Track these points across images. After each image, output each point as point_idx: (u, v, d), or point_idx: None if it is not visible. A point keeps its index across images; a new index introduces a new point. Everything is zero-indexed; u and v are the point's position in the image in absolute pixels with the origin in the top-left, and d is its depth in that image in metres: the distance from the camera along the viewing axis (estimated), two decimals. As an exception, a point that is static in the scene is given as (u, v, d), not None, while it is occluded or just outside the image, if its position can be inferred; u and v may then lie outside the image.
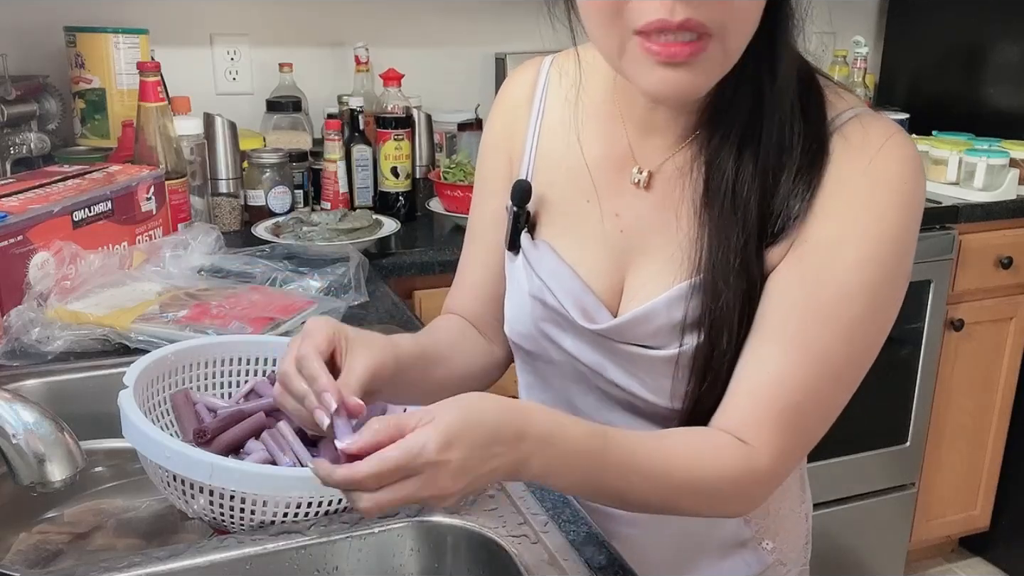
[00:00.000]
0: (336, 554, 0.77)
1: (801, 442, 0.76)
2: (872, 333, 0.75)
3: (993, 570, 2.48)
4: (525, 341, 0.88)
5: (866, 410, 2.11)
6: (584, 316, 0.82)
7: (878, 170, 0.72)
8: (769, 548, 0.91)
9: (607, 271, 0.83)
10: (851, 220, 0.72)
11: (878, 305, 0.74)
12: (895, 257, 0.73)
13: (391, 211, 1.88)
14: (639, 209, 0.81)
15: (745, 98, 0.73)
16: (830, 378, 0.74)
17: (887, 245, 0.73)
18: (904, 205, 0.73)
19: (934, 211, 2.09)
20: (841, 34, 2.57)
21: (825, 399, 0.75)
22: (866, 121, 0.74)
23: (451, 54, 2.28)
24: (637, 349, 0.80)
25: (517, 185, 0.87)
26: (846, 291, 0.72)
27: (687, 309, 0.76)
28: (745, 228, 0.73)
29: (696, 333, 0.76)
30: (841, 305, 0.72)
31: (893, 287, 0.75)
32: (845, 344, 0.73)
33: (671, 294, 0.77)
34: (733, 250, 0.73)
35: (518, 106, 0.90)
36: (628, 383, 0.82)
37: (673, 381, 0.78)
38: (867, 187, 0.72)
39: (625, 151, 0.82)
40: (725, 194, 0.74)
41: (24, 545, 0.91)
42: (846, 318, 0.73)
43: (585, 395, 0.87)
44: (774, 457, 0.74)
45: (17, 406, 0.69)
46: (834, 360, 0.73)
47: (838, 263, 0.72)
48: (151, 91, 1.51)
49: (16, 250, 1.13)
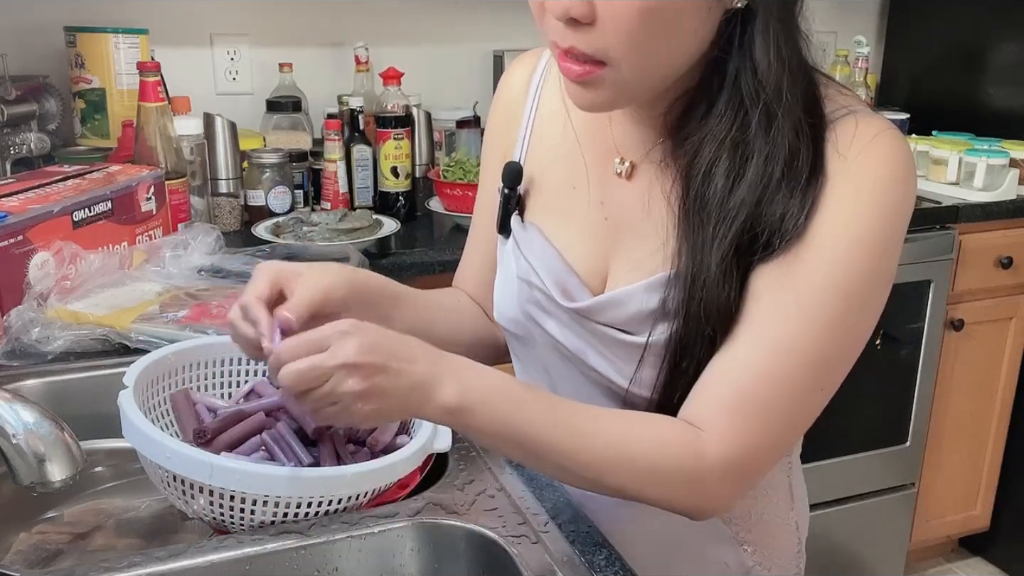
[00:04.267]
0: (336, 554, 0.77)
1: (762, 438, 0.74)
2: (847, 333, 0.74)
3: (993, 570, 2.48)
4: (512, 325, 0.90)
5: (866, 410, 2.11)
6: (564, 295, 0.83)
7: (862, 169, 0.72)
8: (750, 551, 0.91)
9: (592, 257, 0.84)
10: (829, 219, 0.71)
11: (853, 305, 0.73)
12: (874, 258, 0.72)
13: (391, 211, 1.88)
14: (622, 198, 0.82)
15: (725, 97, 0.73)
16: (798, 375, 0.73)
17: (866, 245, 0.72)
18: (888, 206, 0.72)
19: (934, 211, 2.10)
20: (842, 34, 2.57)
21: (791, 394, 0.73)
22: (859, 119, 0.73)
23: (450, 52, 2.28)
24: (613, 332, 0.81)
25: (508, 166, 0.89)
26: (819, 289, 0.72)
27: (664, 299, 0.77)
28: (724, 225, 0.73)
29: (669, 323, 0.76)
30: (813, 302, 0.72)
31: (872, 288, 0.74)
32: (816, 342, 0.72)
33: (649, 282, 0.78)
34: (710, 246, 0.73)
35: (516, 95, 0.93)
36: (606, 368, 0.82)
37: (639, 367, 0.79)
38: (849, 186, 0.72)
39: (610, 141, 0.84)
40: (702, 190, 0.74)
41: (24, 545, 0.91)
42: (818, 316, 0.72)
43: (568, 380, 0.87)
44: (727, 447, 0.73)
45: (17, 406, 0.69)
46: (802, 355, 0.72)
47: (815, 261, 0.72)
48: (151, 91, 1.51)
49: (16, 250, 1.13)
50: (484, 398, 0.71)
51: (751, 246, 0.73)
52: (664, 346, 0.77)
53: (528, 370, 0.93)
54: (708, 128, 0.74)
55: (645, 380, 0.80)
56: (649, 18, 0.66)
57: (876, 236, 0.72)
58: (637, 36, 0.66)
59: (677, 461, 0.73)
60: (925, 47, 2.62)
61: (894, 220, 0.73)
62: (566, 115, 0.87)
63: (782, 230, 0.72)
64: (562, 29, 0.69)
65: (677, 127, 0.77)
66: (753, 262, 0.74)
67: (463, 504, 0.82)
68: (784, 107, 0.71)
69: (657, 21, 0.66)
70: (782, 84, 0.70)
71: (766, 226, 0.72)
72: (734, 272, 0.73)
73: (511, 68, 0.96)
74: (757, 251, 0.73)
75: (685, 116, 0.76)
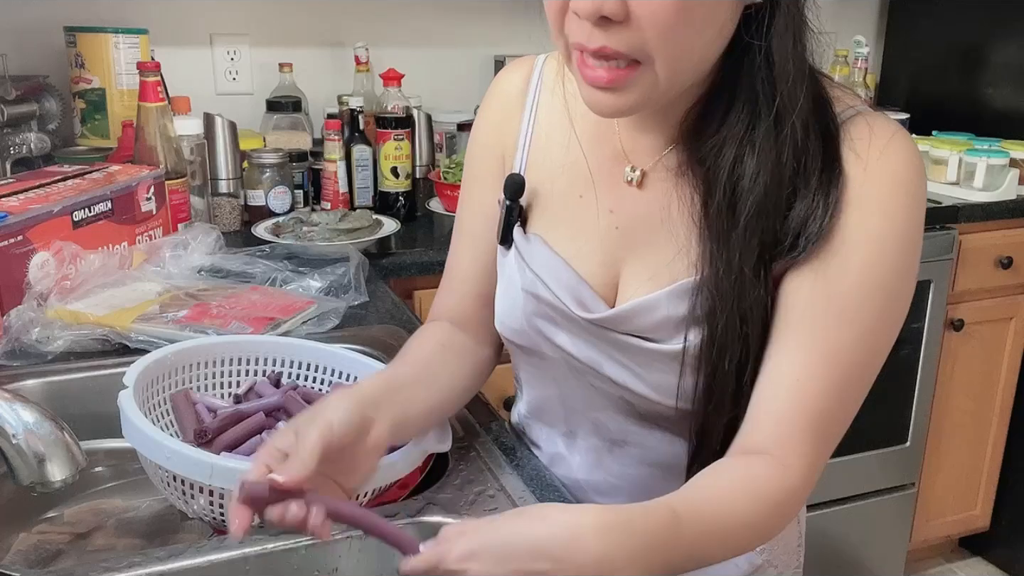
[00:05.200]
0: (336, 554, 0.77)
1: (828, 449, 0.75)
2: (886, 332, 0.75)
3: (993, 570, 2.48)
4: (517, 336, 0.88)
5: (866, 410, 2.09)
6: (580, 306, 0.82)
7: (885, 170, 0.72)
8: (759, 549, 0.91)
9: (602, 266, 0.83)
10: (860, 220, 0.72)
11: (891, 304, 0.74)
12: (905, 255, 0.74)
13: (391, 211, 1.88)
14: (634, 206, 0.81)
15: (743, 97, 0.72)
16: (849, 381, 0.74)
17: (898, 243, 0.73)
18: (911, 203, 0.73)
19: (934, 211, 2.09)
20: (842, 34, 2.57)
21: (846, 402, 0.74)
22: (869, 120, 0.74)
23: (451, 55, 2.28)
24: (638, 341, 0.79)
25: (510, 179, 0.87)
26: (860, 292, 0.72)
27: (691, 305, 0.76)
28: (751, 227, 0.72)
29: (700, 329, 0.76)
30: (856, 306, 0.72)
31: (905, 285, 0.75)
32: (861, 345, 0.73)
33: (673, 289, 0.77)
34: (738, 248, 0.73)
35: (510, 101, 0.90)
36: (625, 379, 0.81)
37: (680, 378, 0.78)
38: (874, 186, 0.72)
39: (618, 149, 0.82)
40: (727, 193, 0.73)
41: (24, 545, 0.91)
42: (862, 319, 0.72)
43: (578, 392, 0.87)
44: (807, 469, 0.73)
45: (17, 406, 0.69)
46: (852, 362, 0.73)
47: (851, 264, 0.72)
48: (151, 91, 1.51)
49: (16, 250, 1.13)
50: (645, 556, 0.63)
51: (776, 246, 0.73)
52: (698, 354, 0.76)
53: (534, 381, 0.92)
54: (728, 130, 0.73)
55: (675, 388, 0.78)
56: (685, 12, 0.64)
57: (904, 234, 0.73)
58: (674, 31, 0.65)
59: (777, 506, 0.72)
60: (925, 47, 2.62)
61: (918, 216, 0.74)
62: (570, 124, 0.85)
63: (807, 231, 0.72)
64: (589, 30, 0.66)
65: (693, 132, 0.76)
66: (779, 264, 0.73)
67: (463, 504, 0.82)
68: (795, 104, 0.71)
69: (692, 15, 0.65)
70: (796, 83, 0.70)
71: (790, 227, 0.72)
72: (764, 272, 0.73)
73: (503, 75, 0.92)
74: (783, 253, 0.73)
75: (701, 120, 0.75)
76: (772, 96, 0.71)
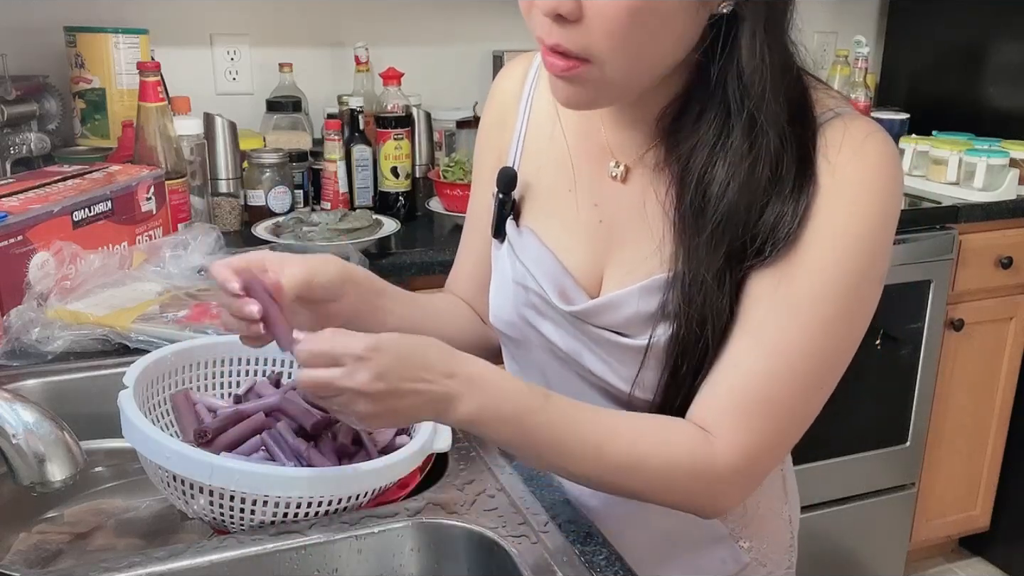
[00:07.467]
0: (336, 554, 0.77)
1: (770, 438, 0.75)
2: (845, 333, 0.75)
3: (993, 570, 2.48)
4: (508, 328, 0.90)
5: (866, 410, 2.11)
6: (562, 298, 0.84)
7: (854, 173, 0.72)
8: (746, 547, 0.91)
9: (587, 259, 0.84)
10: (825, 222, 0.72)
11: (851, 305, 0.74)
12: (869, 257, 0.73)
13: (391, 211, 1.88)
14: (617, 201, 0.82)
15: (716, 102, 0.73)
16: (800, 374, 0.74)
17: (861, 246, 0.73)
18: (880, 207, 0.73)
19: (934, 211, 2.10)
20: (842, 34, 2.57)
21: (795, 395, 0.74)
22: (846, 121, 0.74)
23: (449, 53, 2.28)
24: (610, 335, 0.81)
25: (503, 172, 0.89)
26: (818, 289, 0.72)
27: (663, 301, 0.77)
28: (719, 230, 0.73)
29: (668, 325, 0.77)
30: (812, 303, 0.73)
31: (867, 288, 0.75)
32: (816, 342, 0.73)
33: (646, 284, 0.78)
34: (705, 250, 0.74)
35: (508, 99, 0.93)
36: (602, 371, 0.83)
37: (641, 369, 0.79)
38: (842, 190, 0.72)
39: (603, 144, 0.83)
40: (696, 196, 0.74)
41: (24, 545, 0.91)
42: (816, 316, 0.73)
43: (564, 383, 0.87)
44: (737, 448, 0.74)
45: (17, 406, 0.69)
46: (803, 356, 0.73)
47: (811, 262, 0.72)
48: (151, 91, 1.51)
49: (16, 250, 1.13)
50: (498, 414, 0.71)
51: (744, 251, 0.74)
52: (664, 349, 0.78)
53: (524, 373, 0.93)
54: (699, 134, 0.74)
55: (647, 383, 0.80)
56: (636, 18, 0.65)
57: (870, 237, 0.73)
58: (623, 36, 0.66)
59: (690, 464, 0.74)
60: (925, 47, 2.62)
61: (885, 221, 0.74)
62: (556, 118, 0.87)
63: (775, 237, 0.73)
64: (548, 25, 0.69)
65: (670, 131, 0.77)
66: (747, 267, 0.74)
67: (463, 504, 0.82)
68: (769, 113, 0.71)
69: (644, 22, 0.66)
70: (767, 91, 0.70)
71: (759, 232, 0.73)
72: (729, 277, 0.74)
73: (503, 73, 0.96)
74: (750, 257, 0.74)
75: (677, 121, 0.76)
76: (742, 103, 0.71)
